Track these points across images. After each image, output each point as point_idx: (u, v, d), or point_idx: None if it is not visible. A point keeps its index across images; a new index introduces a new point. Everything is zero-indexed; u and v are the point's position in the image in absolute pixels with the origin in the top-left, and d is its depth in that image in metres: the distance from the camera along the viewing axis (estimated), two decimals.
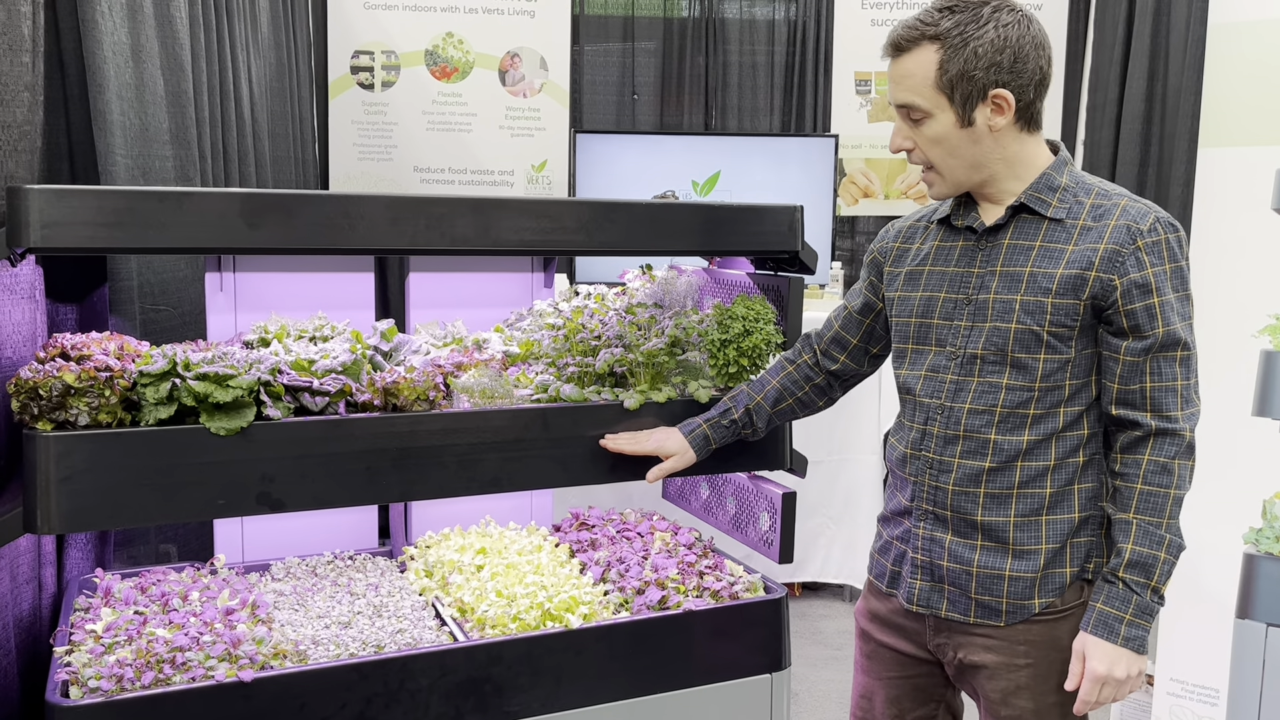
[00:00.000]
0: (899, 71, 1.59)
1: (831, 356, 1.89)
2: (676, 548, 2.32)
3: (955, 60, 1.53)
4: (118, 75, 2.43)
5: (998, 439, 1.59)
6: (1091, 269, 1.53)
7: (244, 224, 1.75)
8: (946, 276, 1.66)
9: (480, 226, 1.93)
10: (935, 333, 1.66)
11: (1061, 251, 1.56)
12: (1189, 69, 4.10)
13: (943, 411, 1.63)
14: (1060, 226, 1.57)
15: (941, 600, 1.65)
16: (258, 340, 2.04)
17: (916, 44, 1.56)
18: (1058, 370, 1.56)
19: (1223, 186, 2.72)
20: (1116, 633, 1.51)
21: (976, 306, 1.61)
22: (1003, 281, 1.59)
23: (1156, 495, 1.52)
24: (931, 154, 1.60)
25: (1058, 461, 1.59)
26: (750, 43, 4.86)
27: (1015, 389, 1.58)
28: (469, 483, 1.91)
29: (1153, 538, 1.52)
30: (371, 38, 4.51)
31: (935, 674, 1.74)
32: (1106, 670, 1.51)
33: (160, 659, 1.72)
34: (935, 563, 1.65)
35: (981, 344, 1.60)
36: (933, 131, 1.58)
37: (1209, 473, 2.73)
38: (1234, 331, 2.69)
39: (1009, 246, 1.60)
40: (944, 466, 1.63)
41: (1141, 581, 1.51)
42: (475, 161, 4.64)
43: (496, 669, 1.91)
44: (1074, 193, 1.59)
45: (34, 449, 1.62)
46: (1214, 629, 2.70)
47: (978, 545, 1.62)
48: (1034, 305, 1.55)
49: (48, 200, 1.62)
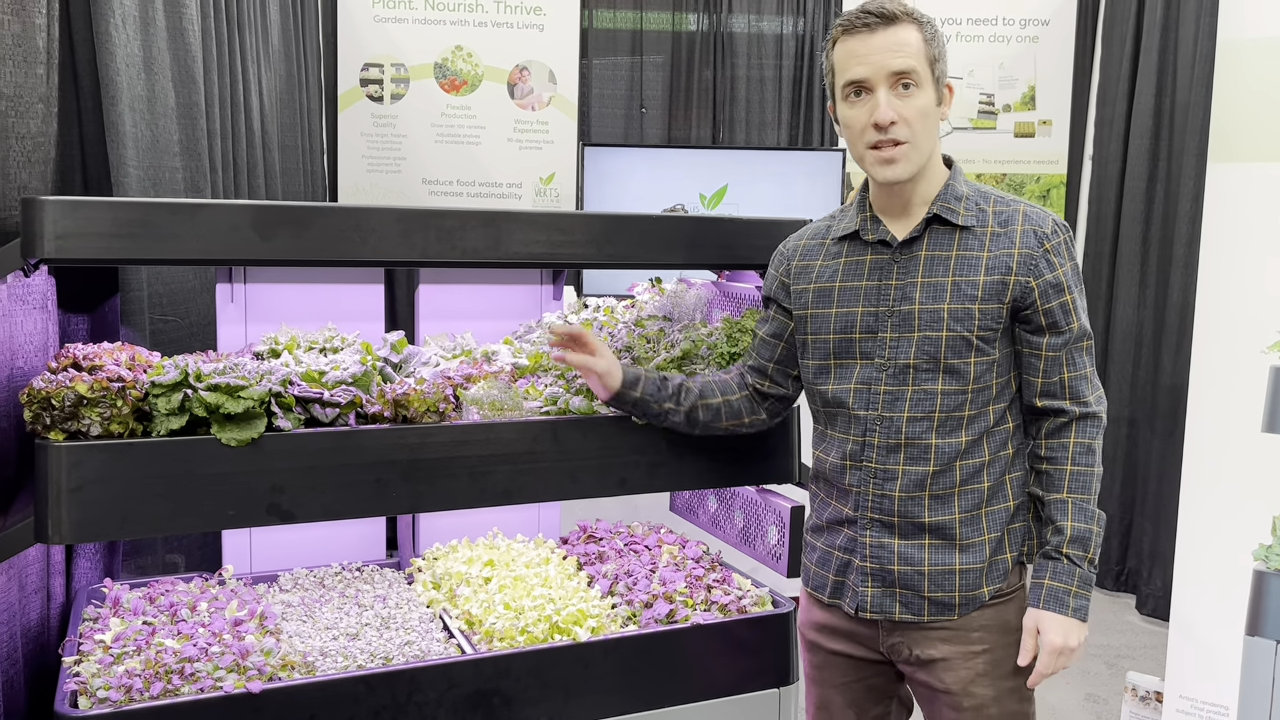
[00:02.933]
0: (895, 39, 1.59)
1: (759, 378, 1.89)
2: (684, 561, 2.32)
3: (934, 42, 1.63)
4: (130, 87, 2.45)
5: (938, 443, 1.64)
6: (1010, 273, 1.61)
7: (257, 236, 1.76)
8: (861, 291, 1.69)
9: (491, 239, 1.94)
10: (859, 346, 1.69)
11: (978, 259, 1.62)
12: (1197, 85, 4.10)
13: (881, 422, 1.66)
14: (971, 234, 1.64)
15: (894, 604, 1.68)
16: (268, 351, 2.05)
17: (903, 19, 1.61)
18: (986, 371, 1.63)
19: (1232, 202, 2.72)
20: (1066, 605, 1.61)
21: (900, 318, 1.65)
22: (926, 292, 1.63)
23: (1085, 474, 1.63)
24: (916, 127, 1.61)
25: (992, 456, 1.66)
26: (758, 56, 4.87)
27: (950, 393, 1.63)
28: (479, 495, 1.91)
29: (1086, 514, 1.62)
30: (381, 50, 4.53)
31: (887, 672, 1.79)
32: (1062, 641, 1.60)
33: (169, 669, 1.72)
34: (885, 568, 1.68)
35: (913, 353, 1.64)
36: (920, 103, 1.61)
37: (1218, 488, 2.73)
38: (1244, 347, 2.68)
39: (927, 257, 1.65)
40: (888, 475, 1.66)
41: (1081, 554, 1.61)
42: (483, 174, 4.66)
43: (504, 682, 1.91)
44: (975, 200, 1.67)
45: (46, 459, 1.62)
46: (1223, 646, 2.69)
47: (925, 545, 1.67)
48: (962, 313, 1.61)
49: (62, 211, 1.63)
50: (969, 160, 4.97)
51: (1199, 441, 2.78)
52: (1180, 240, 4.22)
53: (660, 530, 2.53)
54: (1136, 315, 4.48)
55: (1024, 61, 4.91)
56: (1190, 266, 4.07)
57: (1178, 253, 4.25)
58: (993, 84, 4.93)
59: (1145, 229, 4.44)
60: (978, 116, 4.95)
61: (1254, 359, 2.66)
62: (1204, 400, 2.76)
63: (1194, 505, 2.77)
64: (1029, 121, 4.96)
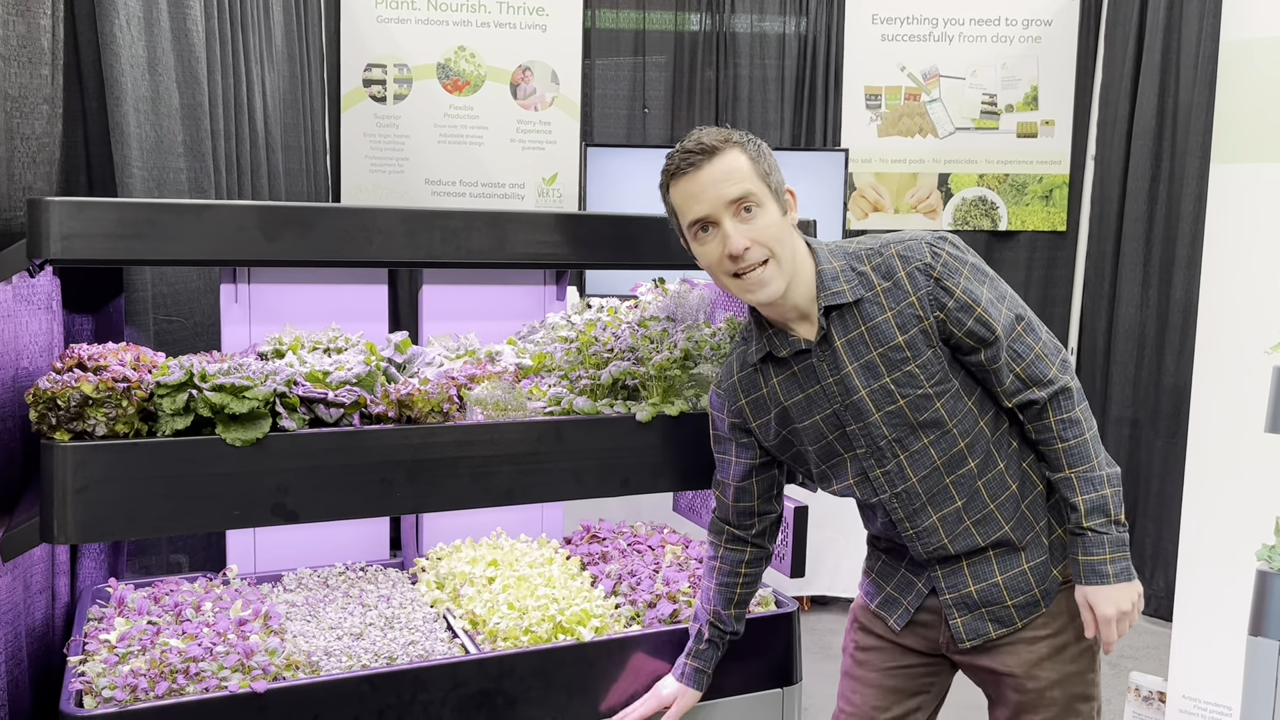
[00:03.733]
0: (722, 169, 1.58)
1: (746, 525, 1.90)
2: (688, 561, 2.32)
3: (760, 158, 1.62)
4: (134, 88, 2.45)
5: (952, 481, 1.67)
6: (921, 320, 1.61)
7: (262, 236, 1.76)
8: (808, 400, 1.70)
9: (495, 240, 1.94)
10: (837, 445, 1.71)
11: (886, 322, 1.62)
12: (1200, 85, 4.10)
13: (895, 498, 1.69)
14: (866, 303, 1.63)
15: (987, 624, 1.71)
16: (272, 352, 2.05)
17: (726, 146, 1.60)
18: (955, 402, 1.64)
19: (1235, 202, 2.72)
20: (1106, 574, 1.62)
21: (855, 409, 1.66)
22: (862, 376, 1.64)
23: (1077, 446, 1.63)
24: (770, 244, 1.59)
25: (1005, 460, 1.69)
26: (761, 57, 4.88)
27: (938, 440, 1.65)
28: (482, 495, 1.91)
29: (1094, 481, 1.63)
30: (384, 51, 4.54)
31: (937, 666, 1.82)
32: (1114, 610, 1.62)
33: (174, 669, 1.73)
34: (963, 593, 1.71)
35: (886, 432, 1.65)
36: (766, 220, 1.60)
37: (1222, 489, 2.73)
38: (1247, 348, 2.68)
39: (844, 345, 1.65)
40: (928, 530, 1.69)
41: (1104, 521, 1.62)
42: (486, 174, 4.66)
43: (508, 681, 1.91)
44: (850, 267, 1.65)
45: (51, 459, 1.62)
46: (1226, 646, 2.69)
47: (992, 557, 1.70)
48: (904, 378, 1.63)
49: (67, 212, 1.64)
50: (971, 160, 4.97)
51: (1202, 442, 2.77)
52: (1183, 240, 4.22)
53: (664, 530, 2.54)
54: (1139, 315, 4.48)
55: (1027, 61, 4.91)
56: (1193, 267, 4.07)
57: (1180, 253, 4.24)
58: (995, 84, 4.93)
59: (1148, 229, 4.44)
60: (980, 117, 4.95)
61: (1257, 359, 2.66)
62: (1207, 401, 2.76)
63: (1197, 506, 2.77)
64: (1032, 122, 4.96)
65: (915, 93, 4.92)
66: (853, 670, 1.88)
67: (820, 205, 4.48)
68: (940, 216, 4.98)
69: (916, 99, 4.93)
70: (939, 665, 1.83)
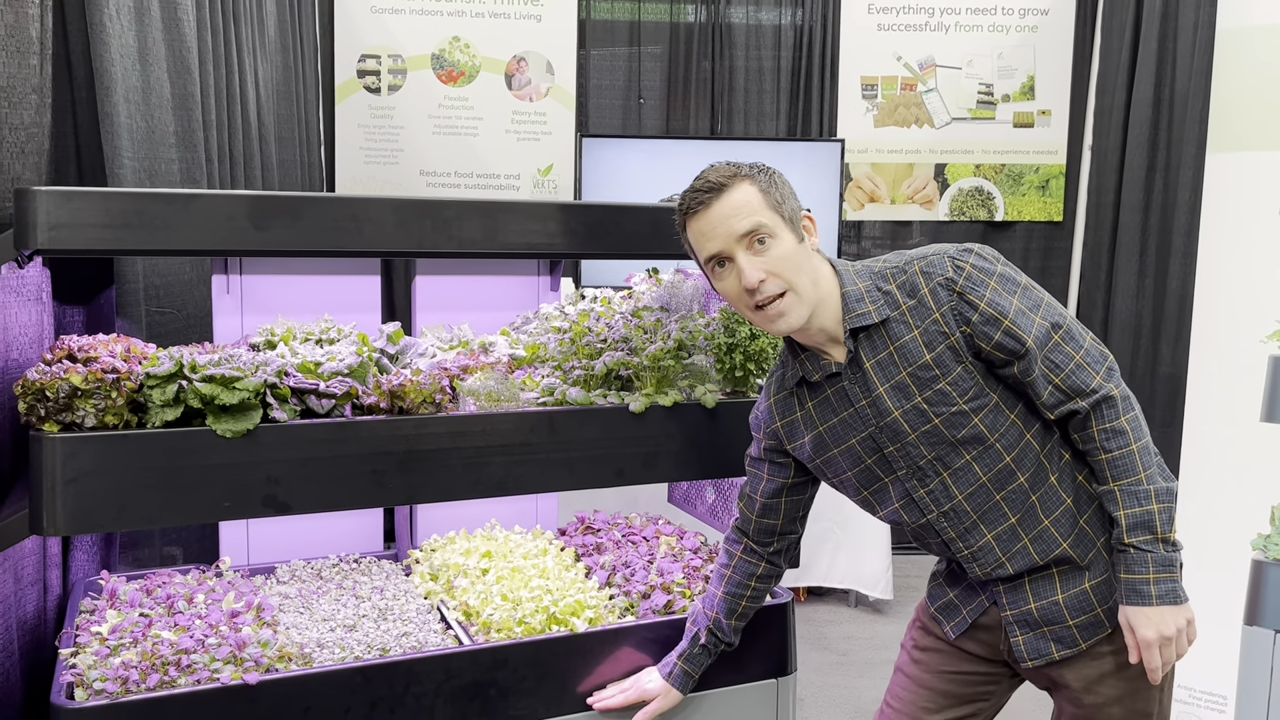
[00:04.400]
0: (731, 204, 1.58)
1: (765, 542, 1.89)
2: (682, 552, 2.32)
3: (772, 189, 1.61)
4: (125, 78, 2.44)
5: (1003, 496, 1.62)
6: (948, 336, 1.58)
7: (251, 226, 1.75)
8: (844, 424, 1.68)
9: (487, 230, 1.93)
10: (877, 469, 1.68)
11: (914, 341, 1.60)
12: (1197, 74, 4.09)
13: (944, 517, 1.66)
14: (893, 322, 1.61)
15: (1049, 644, 1.66)
16: (264, 343, 2.04)
17: (734, 181, 1.60)
18: (996, 416, 1.60)
19: (1231, 191, 2.71)
20: (1148, 595, 1.54)
21: (891, 430, 1.63)
22: (894, 398, 1.62)
23: (1121, 458, 1.56)
24: (786, 274, 1.58)
25: (1057, 474, 1.63)
26: (756, 48, 4.86)
27: (981, 456, 1.61)
28: (475, 485, 1.91)
29: (1139, 496, 1.55)
30: (378, 42, 4.52)
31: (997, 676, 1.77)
32: (1156, 633, 1.54)
33: (165, 661, 1.72)
34: (1024, 610, 1.66)
35: (926, 450, 1.63)
36: (781, 250, 1.58)
37: (1217, 477, 2.73)
38: (1242, 337, 2.68)
39: (873, 367, 1.63)
40: (983, 550, 1.65)
41: (1149, 539, 1.55)
42: (481, 165, 4.65)
43: (502, 673, 1.91)
44: (875, 287, 1.63)
45: (40, 450, 1.62)
46: (1222, 636, 2.69)
47: (1054, 575, 1.65)
48: (936, 397, 1.59)
49: (55, 202, 1.63)
50: (968, 151, 4.96)
51: (1198, 431, 2.77)
52: (1179, 230, 4.22)
53: (658, 521, 2.53)
54: (1135, 305, 4.47)
55: (1023, 51, 4.90)
56: (1189, 256, 4.07)
57: (1176, 242, 4.24)
58: (992, 74, 4.91)
59: (1144, 219, 4.44)
60: (976, 107, 4.94)
61: (1253, 348, 2.66)
62: (1203, 390, 2.76)
63: (1193, 495, 2.77)
64: (1028, 111, 4.95)
65: (911, 83, 4.91)
66: (906, 667, 1.85)
67: (816, 196, 4.47)
68: (936, 207, 4.97)
69: (913, 89, 4.91)
70: (999, 675, 1.77)
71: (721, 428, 2.08)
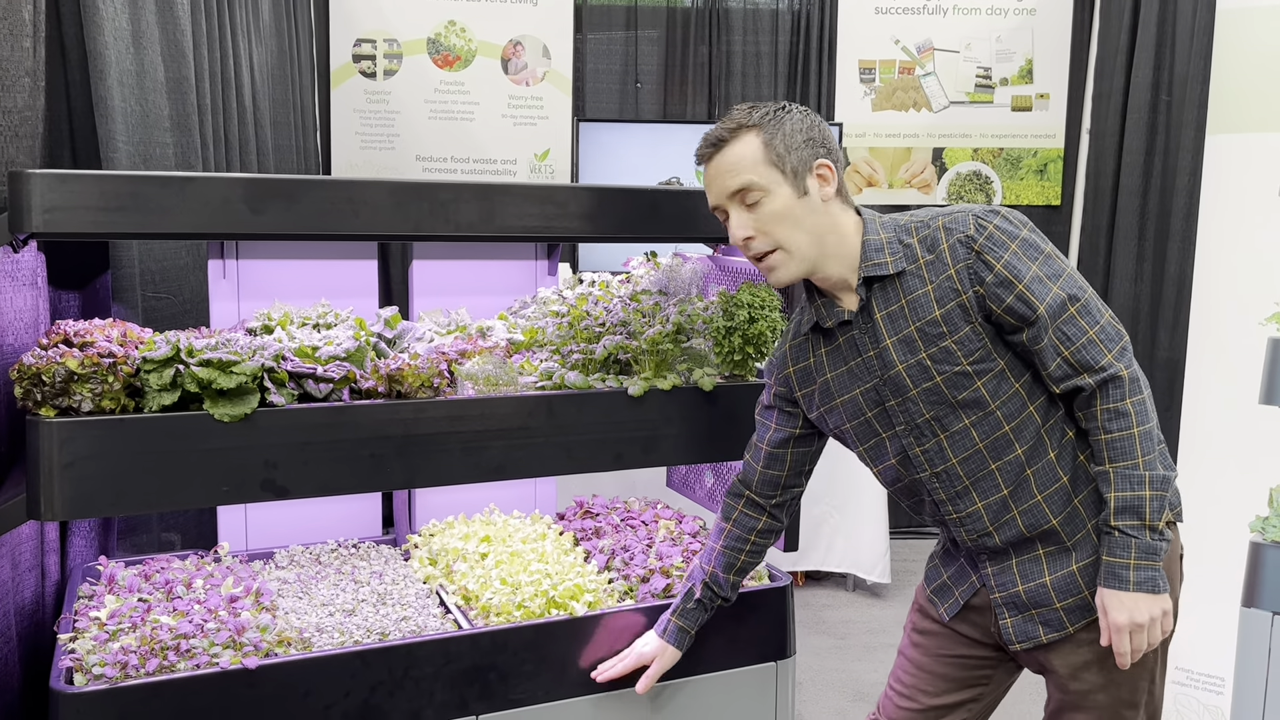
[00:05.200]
0: (725, 162, 1.60)
1: (768, 495, 1.88)
2: (681, 536, 2.32)
3: (777, 138, 1.59)
4: (118, 61, 2.42)
5: (998, 466, 1.61)
6: (960, 294, 1.57)
7: (247, 209, 1.74)
8: (850, 373, 1.68)
9: (484, 213, 1.92)
10: (877, 423, 1.68)
11: (926, 295, 1.59)
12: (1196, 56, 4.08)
13: (937, 478, 1.65)
14: (908, 275, 1.60)
15: (1036, 627, 1.66)
16: (261, 328, 2.03)
17: (736, 134, 1.60)
18: (999, 383, 1.58)
19: (1231, 173, 2.70)
20: (1126, 580, 1.54)
21: (894, 384, 1.63)
22: (900, 350, 1.61)
23: (1121, 439, 1.54)
24: (778, 232, 1.58)
25: (1057, 450, 1.61)
26: (754, 31, 4.84)
27: (980, 422, 1.60)
28: (473, 470, 1.90)
29: (1132, 480, 1.54)
30: (373, 25, 4.49)
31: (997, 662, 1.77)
32: (1128, 619, 1.53)
33: (164, 646, 1.72)
34: (1012, 592, 1.66)
35: (924, 409, 1.62)
36: (774, 208, 1.58)
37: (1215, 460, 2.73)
38: (1241, 319, 2.67)
39: (884, 317, 1.62)
40: (972, 516, 1.65)
41: (1136, 524, 1.54)
42: (478, 150, 4.63)
43: (501, 657, 1.91)
44: (898, 240, 1.62)
45: (37, 435, 1.61)
46: (1219, 618, 2.70)
47: (1041, 555, 1.64)
48: (940, 354, 1.58)
49: (49, 185, 1.61)
50: (965, 135, 4.94)
51: (1196, 415, 2.77)
52: (1178, 214, 4.21)
53: (657, 505, 2.53)
54: (1134, 289, 4.47)
55: (1021, 35, 4.88)
56: (1188, 240, 4.06)
57: (1175, 226, 4.23)
58: (990, 57, 4.89)
59: (1143, 202, 4.43)
60: (974, 90, 4.92)
61: (1251, 331, 2.66)
62: (1201, 373, 2.76)
63: (1191, 478, 2.77)
64: (1026, 95, 4.93)
65: (909, 66, 4.89)
66: (907, 650, 1.85)
67: None
68: (934, 191, 4.96)
69: (910, 73, 4.89)
70: (995, 659, 1.77)
71: (720, 411, 2.08)
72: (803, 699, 3.24)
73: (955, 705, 1.79)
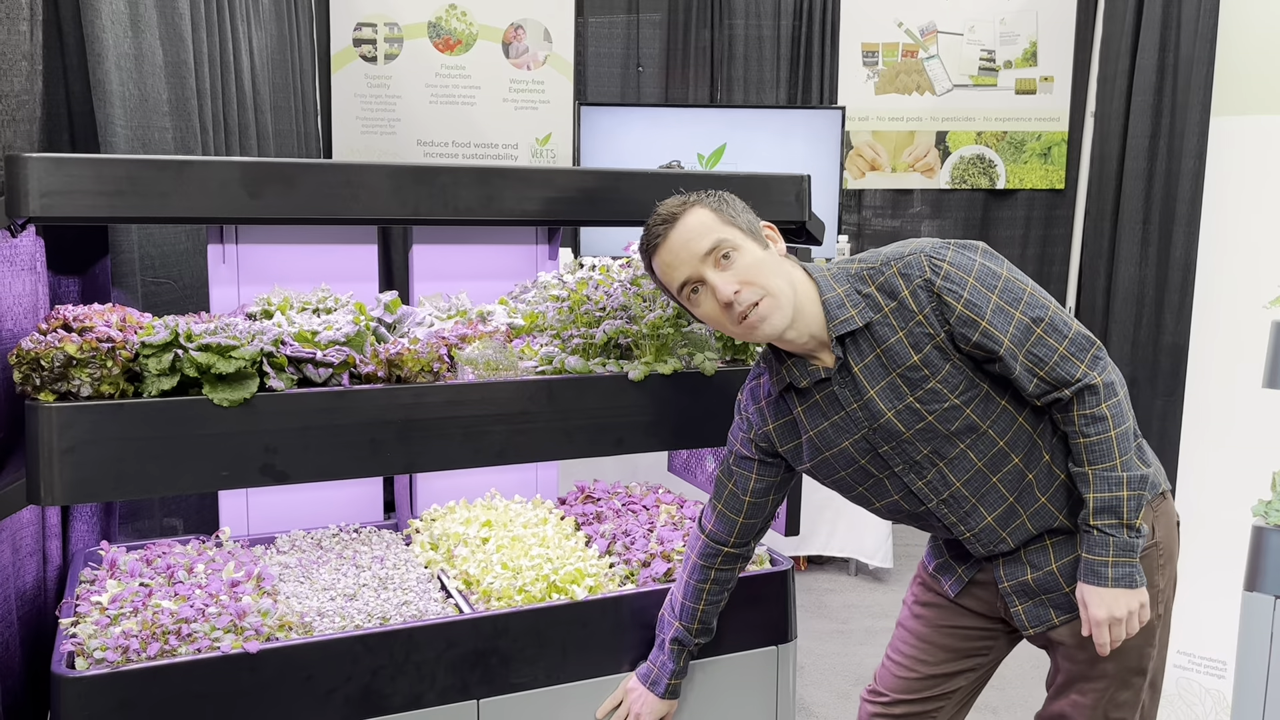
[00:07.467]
0: (686, 230, 1.61)
1: (745, 540, 1.89)
2: (682, 520, 2.31)
3: (724, 207, 1.64)
4: (116, 45, 2.41)
5: (1000, 479, 1.65)
6: (933, 336, 1.59)
7: (246, 193, 1.73)
8: (835, 427, 1.68)
9: (484, 196, 1.91)
10: (872, 468, 1.69)
11: (900, 343, 1.60)
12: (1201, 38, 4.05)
13: (944, 504, 1.68)
14: (876, 325, 1.61)
15: (1049, 611, 1.71)
16: (260, 312, 2.03)
17: (684, 209, 1.63)
18: (987, 405, 1.62)
19: (1236, 155, 2.68)
20: (1105, 576, 1.60)
21: (883, 431, 1.64)
22: (885, 399, 1.62)
23: (1098, 443, 1.59)
24: (761, 279, 1.59)
25: (1051, 452, 1.66)
26: (756, 15, 4.81)
27: (975, 443, 1.63)
28: (474, 454, 1.90)
29: (1109, 481, 1.59)
30: (374, 9, 4.46)
31: (994, 634, 1.82)
32: (1107, 613, 1.60)
33: (166, 630, 1.72)
34: (1021, 580, 1.71)
35: (921, 446, 1.64)
36: (749, 260, 1.60)
37: (1218, 444, 2.72)
38: (1246, 303, 2.66)
39: (862, 370, 1.63)
40: (985, 530, 1.69)
41: (1114, 523, 1.59)
42: (479, 135, 4.61)
43: (502, 641, 1.91)
44: (854, 290, 1.63)
45: (36, 420, 1.61)
46: (1222, 601, 2.69)
47: (1049, 545, 1.70)
48: (928, 395, 1.61)
49: (46, 169, 1.61)
50: (969, 118, 4.92)
51: (1200, 399, 2.76)
52: (1183, 198, 4.19)
53: (658, 490, 2.53)
54: (1139, 274, 4.45)
55: (1025, 17, 4.85)
56: (1193, 224, 4.04)
57: (1180, 210, 4.21)
58: (994, 40, 4.86)
59: (1148, 186, 4.40)
60: (978, 73, 4.89)
61: (1256, 315, 2.65)
62: (1205, 357, 2.75)
63: (1194, 462, 2.77)
64: (1030, 78, 4.90)
65: (913, 49, 4.86)
66: (907, 622, 1.90)
67: (817, 164, 4.44)
68: (938, 175, 4.94)
69: (914, 55, 4.87)
70: (997, 631, 1.82)
71: (721, 395, 2.07)
72: (804, 683, 3.25)
73: (954, 674, 1.85)
